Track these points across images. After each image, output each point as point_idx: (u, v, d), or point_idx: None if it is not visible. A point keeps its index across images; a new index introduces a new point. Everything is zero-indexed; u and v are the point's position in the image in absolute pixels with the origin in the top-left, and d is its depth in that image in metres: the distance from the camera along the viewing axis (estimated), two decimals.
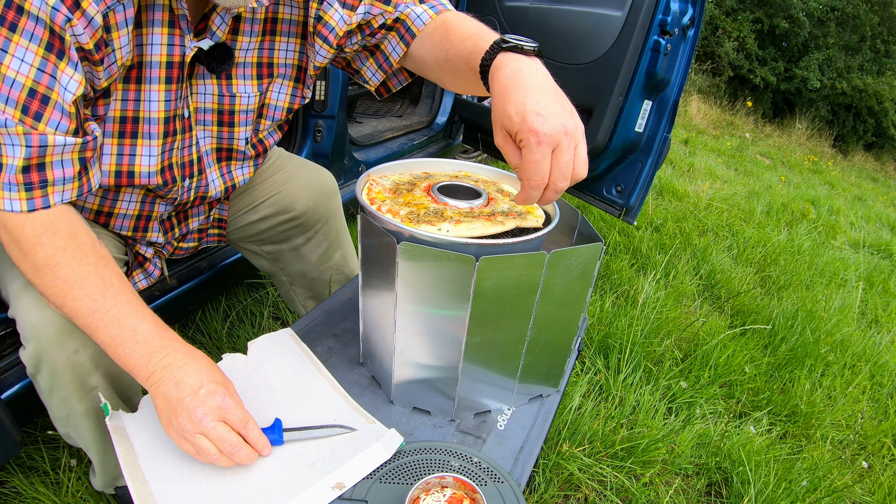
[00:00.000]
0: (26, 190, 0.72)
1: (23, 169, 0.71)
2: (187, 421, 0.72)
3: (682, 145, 5.92)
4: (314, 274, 1.36)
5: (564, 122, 0.71)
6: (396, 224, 0.82)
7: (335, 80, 1.82)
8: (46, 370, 0.85)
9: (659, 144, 1.95)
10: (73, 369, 0.85)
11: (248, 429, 0.76)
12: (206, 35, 0.87)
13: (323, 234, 1.32)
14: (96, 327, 0.75)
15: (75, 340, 0.84)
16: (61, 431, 0.97)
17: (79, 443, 0.98)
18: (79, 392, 0.88)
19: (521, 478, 0.86)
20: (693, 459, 1.49)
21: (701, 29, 1.88)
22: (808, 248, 3.24)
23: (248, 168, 1.11)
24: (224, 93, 0.97)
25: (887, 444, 1.73)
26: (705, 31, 9.02)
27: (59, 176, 0.75)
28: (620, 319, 1.88)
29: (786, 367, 1.98)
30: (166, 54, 0.84)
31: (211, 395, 0.74)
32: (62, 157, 0.74)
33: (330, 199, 1.30)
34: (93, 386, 0.89)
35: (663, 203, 3.48)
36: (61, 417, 0.92)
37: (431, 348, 0.90)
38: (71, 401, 0.88)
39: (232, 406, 0.75)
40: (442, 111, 2.82)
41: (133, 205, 0.99)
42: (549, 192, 0.73)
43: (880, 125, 10.35)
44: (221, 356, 0.99)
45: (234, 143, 1.03)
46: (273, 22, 0.97)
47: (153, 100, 0.86)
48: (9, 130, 0.69)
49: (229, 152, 1.05)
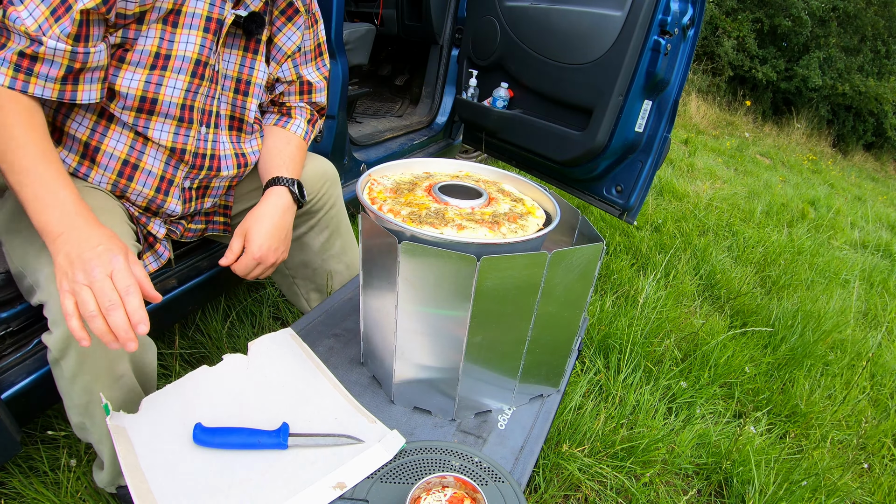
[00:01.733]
0: (15, 70, 0.84)
1: (20, 53, 0.83)
2: (80, 272, 0.76)
3: (682, 145, 5.92)
4: (316, 264, 1.37)
5: (267, 253, 1.09)
6: (398, 224, 0.82)
7: (335, 81, 1.81)
8: (74, 354, 0.86)
9: (659, 144, 1.95)
10: (106, 353, 0.87)
11: (130, 295, 0.77)
12: (241, 6, 1.03)
13: (325, 221, 1.33)
14: (25, 184, 0.81)
15: None
16: (75, 422, 0.97)
17: (92, 434, 0.98)
18: (107, 378, 0.89)
19: (522, 477, 0.86)
20: (693, 459, 1.49)
21: (701, 29, 1.88)
22: (808, 248, 3.24)
23: (255, 142, 1.18)
24: (245, 63, 1.10)
25: (887, 444, 1.73)
26: (705, 31, 9.01)
27: (45, 72, 0.85)
28: (620, 319, 1.88)
29: (786, 367, 1.98)
30: (208, 10, 0.98)
31: (107, 252, 0.78)
32: (52, 59, 0.85)
33: (332, 186, 1.32)
34: (121, 374, 0.90)
35: (663, 203, 3.48)
36: (80, 405, 0.92)
37: (432, 348, 0.90)
38: (94, 387, 0.89)
39: (123, 269, 0.78)
40: (442, 111, 2.82)
41: (158, 163, 1.04)
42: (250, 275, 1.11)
43: (880, 125, 10.34)
44: (222, 356, 0.99)
45: (246, 113, 1.13)
46: (293, 9, 1.13)
47: (190, 42, 0.97)
48: (28, 28, 0.81)
49: (241, 122, 1.13)
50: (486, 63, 2.28)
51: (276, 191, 1.11)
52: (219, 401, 0.91)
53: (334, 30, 1.74)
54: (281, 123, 1.24)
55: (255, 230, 1.07)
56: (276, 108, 1.26)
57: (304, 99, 1.26)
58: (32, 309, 1.02)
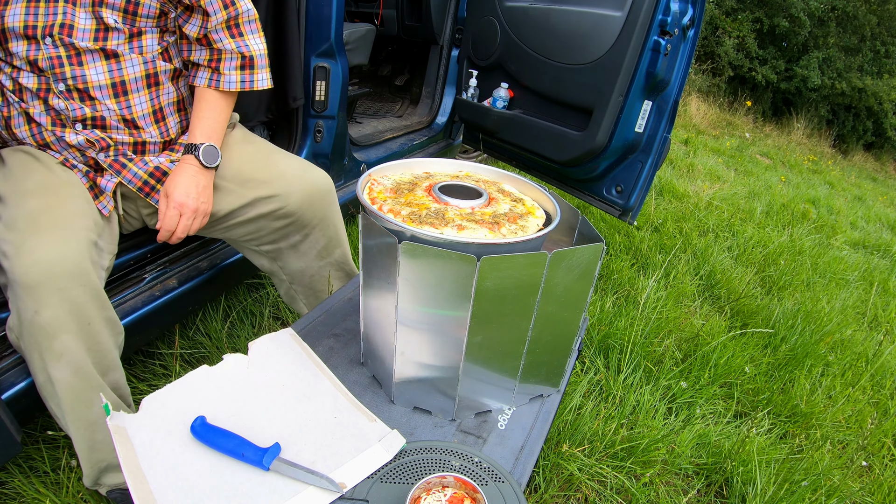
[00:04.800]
0: None
1: None
2: None
3: (682, 145, 5.92)
4: (313, 270, 1.37)
5: (185, 200, 1.14)
6: (398, 224, 0.82)
7: (335, 81, 1.82)
8: (25, 332, 0.91)
9: (659, 145, 1.95)
10: (42, 328, 0.91)
11: None
12: None
13: (320, 230, 1.32)
14: None
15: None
16: (48, 408, 1.00)
17: (62, 421, 1.00)
18: (48, 354, 0.92)
19: (522, 477, 0.86)
20: (693, 459, 1.49)
21: (701, 29, 1.88)
22: (808, 248, 3.24)
23: (121, 39, 1.09)
24: None
25: (887, 444, 1.72)
26: (705, 31, 9.01)
27: None
28: (620, 319, 1.88)
29: (786, 367, 1.98)
30: None
31: None
32: None
33: (322, 199, 1.31)
34: (60, 351, 0.93)
35: (663, 203, 3.48)
36: (40, 387, 0.97)
37: (432, 348, 0.90)
38: (40, 365, 0.94)
39: None
40: (442, 111, 2.82)
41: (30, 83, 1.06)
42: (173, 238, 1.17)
43: (880, 125, 10.34)
44: (222, 356, 0.99)
45: (105, 17, 1.06)
46: None
47: None
48: None
49: (101, 23, 1.06)
50: (486, 63, 2.28)
51: (185, 159, 1.17)
52: (219, 401, 0.91)
53: (334, 30, 1.74)
54: (190, 79, 1.23)
55: (171, 187, 1.14)
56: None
57: (202, 32, 1.19)
58: None
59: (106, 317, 0.98)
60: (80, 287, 0.92)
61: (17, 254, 0.89)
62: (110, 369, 1.01)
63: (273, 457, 0.80)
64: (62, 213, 0.98)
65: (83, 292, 0.92)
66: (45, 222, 0.94)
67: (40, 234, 0.92)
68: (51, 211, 0.97)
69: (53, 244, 0.91)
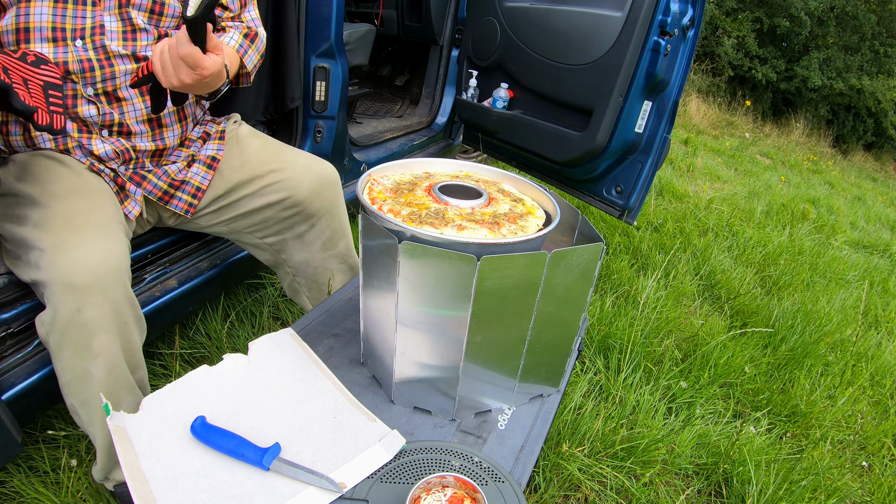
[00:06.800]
0: None
1: None
2: None
3: (682, 145, 5.93)
4: (317, 262, 1.37)
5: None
6: (398, 224, 0.82)
7: (335, 81, 1.82)
8: (57, 329, 0.89)
9: (659, 145, 1.95)
10: (82, 328, 0.89)
11: None
12: None
13: (325, 221, 1.33)
14: None
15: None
16: (68, 405, 0.98)
17: (82, 418, 0.99)
18: (86, 352, 0.91)
19: (522, 477, 0.86)
20: (693, 459, 1.49)
21: (701, 29, 1.88)
22: (808, 248, 3.24)
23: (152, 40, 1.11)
24: None
25: (887, 444, 1.73)
26: (705, 31, 9.01)
27: None
28: (620, 319, 1.88)
29: (786, 367, 1.98)
30: None
31: None
32: None
33: (328, 190, 1.32)
34: (97, 351, 0.91)
35: (663, 203, 3.48)
36: (65, 384, 0.95)
37: (432, 348, 0.90)
38: (75, 363, 0.92)
39: None
40: (442, 111, 2.82)
41: None
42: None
43: (880, 125, 10.34)
44: (222, 356, 0.99)
45: (134, 18, 1.06)
46: None
47: None
48: None
49: (130, 24, 1.07)
50: (486, 63, 2.29)
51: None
52: (219, 401, 0.91)
53: (334, 30, 1.74)
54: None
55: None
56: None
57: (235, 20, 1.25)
58: (33, 310, 1.03)
59: (136, 316, 0.98)
60: (121, 287, 0.92)
61: (58, 253, 0.88)
62: (138, 367, 1.01)
63: (273, 457, 0.81)
64: (98, 215, 0.98)
65: (122, 293, 0.93)
66: (82, 224, 0.94)
67: (80, 234, 0.92)
68: (86, 213, 0.97)
69: (96, 244, 0.91)
